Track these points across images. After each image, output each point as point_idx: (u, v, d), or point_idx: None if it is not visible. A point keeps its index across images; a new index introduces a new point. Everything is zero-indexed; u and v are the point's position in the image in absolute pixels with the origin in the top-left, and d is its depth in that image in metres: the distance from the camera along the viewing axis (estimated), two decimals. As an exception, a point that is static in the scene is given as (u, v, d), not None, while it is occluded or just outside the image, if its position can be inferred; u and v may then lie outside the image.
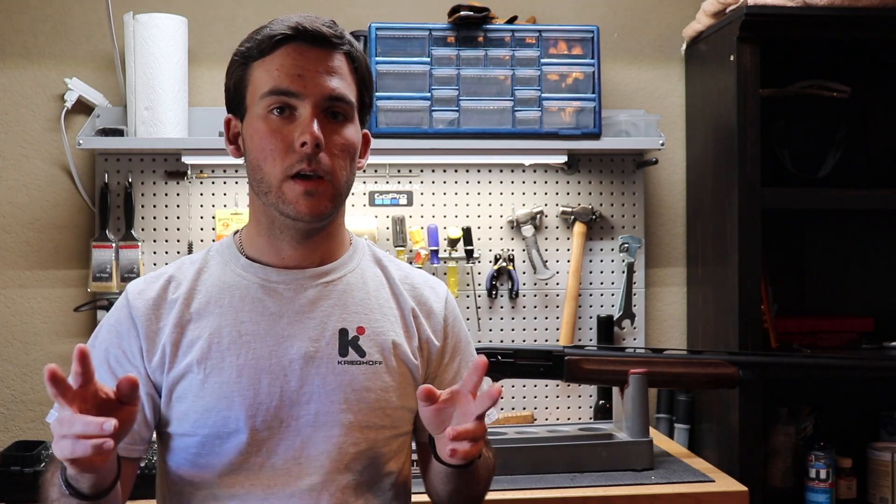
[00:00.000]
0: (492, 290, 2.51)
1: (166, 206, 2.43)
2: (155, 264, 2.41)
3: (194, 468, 1.31)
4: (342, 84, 1.30)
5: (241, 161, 1.37)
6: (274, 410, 1.29)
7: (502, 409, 2.49)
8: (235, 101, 1.34)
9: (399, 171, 2.49)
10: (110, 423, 1.02)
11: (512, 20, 2.42)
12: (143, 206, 2.41)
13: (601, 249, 2.56)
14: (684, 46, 2.56)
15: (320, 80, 1.28)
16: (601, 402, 2.45)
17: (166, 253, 2.42)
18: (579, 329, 2.54)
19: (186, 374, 1.30)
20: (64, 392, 1.05)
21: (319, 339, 1.32)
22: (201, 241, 2.43)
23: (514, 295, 2.51)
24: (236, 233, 1.41)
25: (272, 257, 1.35)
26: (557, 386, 2.52)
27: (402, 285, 1.42)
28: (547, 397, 2.54)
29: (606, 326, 2.52)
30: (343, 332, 1.34)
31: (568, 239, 2.54)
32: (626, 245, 2.52)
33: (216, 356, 1.30)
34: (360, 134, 1.35)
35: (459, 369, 1.45)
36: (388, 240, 2.46)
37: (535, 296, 2.54)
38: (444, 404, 1.22)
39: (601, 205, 2.55)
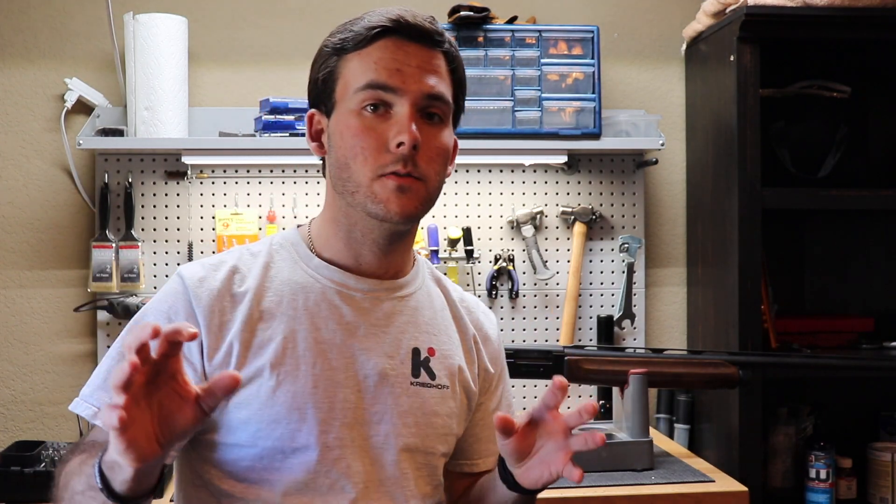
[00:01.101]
0: (492, 290, 2.51)
1: (166, 206, 2.43)
2: (155, 264, 2.41)
3: (245, 483, 1.18)
4: (440, 83, 1.21)
5: (319, 160, 1.29)
6: (346, 428, 1.19)
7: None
8: (323, 95, 1.23)
9: (399, 171, 2.49)
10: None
11: (512, 20, 2.42)
12: (143, 206, 2.41)
13: (601, 249, 2.56)
14: (684, 46, 2.56)
15: (420, 76, 1.19)
16: (601, 402, 2.45)
17: (166, 253, 2.42)
18: (579, 329, 2.54)
19: (255, 379, 1.17)
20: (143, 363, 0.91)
21: (394, 357, 1.24)
22: (201, 241, 2.43)
23: (514, 295, 2.51)
24: (300, 227, 1.31)
25: (349, 261, 1.25)
26: (557, 386, 2.51)
27: (461, 308, 1.36)
28: (547, 397, 2.53)
29: (606, 326, 2.52)
30: (416, 352, 1.26)
31: (568, 239, 2.54)
32: (626, 245, 2.52)
33: (291, 362, 1.18)
34: (454, 139, 1.26)
35: (502, 396, 1.40)
36: (388, 240, 2.46)
37: (535, 296, 2.54)
38: (525, 433, 1.16)
39: (601, 205, 2.55)
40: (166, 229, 2.43)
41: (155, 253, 2.42)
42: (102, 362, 1.22)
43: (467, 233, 2.48)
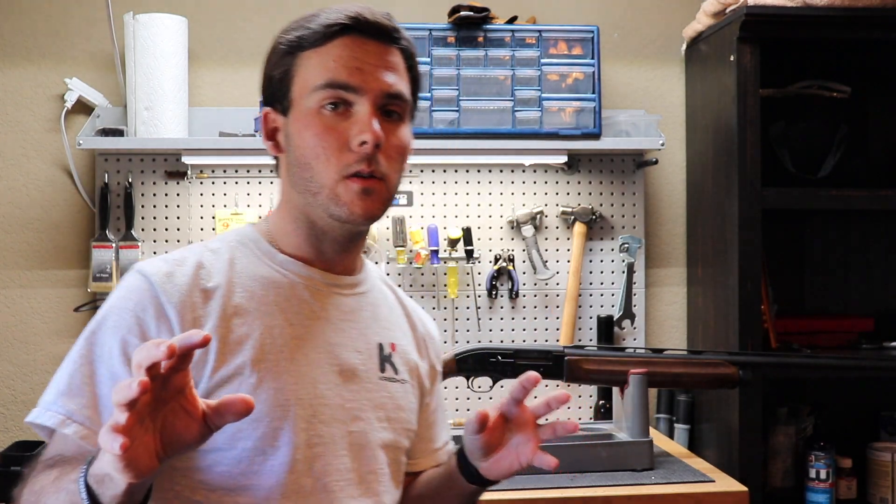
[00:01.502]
0: (492, 290, 2.51)
1: (166, 206, 2.43)
2: (155, 264, 2.41)
3: (221, 491, 1.12)
4: (399, 81, 1.19)
5: (273, 159, 1.26)
6: (325, 424, 1.16)
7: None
8: (279, 93, 1.21)
9: (399, 171, 2.49)
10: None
11: (512, 20, 2.42)
12: (143, 206, 2.41)
13: (601, 249, 2.55)
14: (684, 46, 2.56)
15: (379, 74, 1.17)
16: (601, 402, 2.45)
17: (166, 253, 2.41)
18: (579, 329, 2.54)
19: (235, 377, 1.12)
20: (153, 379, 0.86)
21: (363, 352, 1.23)
22: (201, 241, 2.41)
23: (514, 295, 2.51)
24: (253, 224, 1.29)
25: (311, 256, 1.23)
26: (557, 386, 2.51)
27: (408, 306, 1.38)
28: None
29: (606, 326, 2.52)
30: (380, 347, 1.26)
31: (568, 239, 2.54)
32: (626, 245, 2.52)
33: (271, 358, 1.15)
34: (412, 135, 1.25)
35: (439, 392, 1.41)
36: (388, 240, 2.46)
37: (535, 296, 2.54)
38: (494, 427, 1.20)
39: (601, 205, 2.55)
40: (166, 229, 2.42)
41: (155, 253, 2.42)
42: (63, 367, 1.14)
43: (467, 233, 2.48)
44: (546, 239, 2.54)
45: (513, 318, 2.53)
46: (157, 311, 1.13)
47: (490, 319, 2.52)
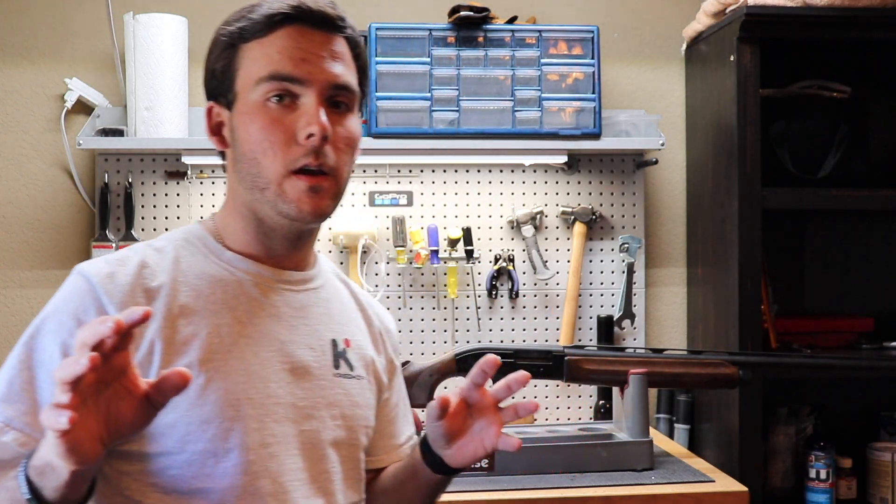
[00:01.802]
0: (492, 290, 2.51)
1: (166, 206, 2.43)
2: (155, 264, 2.41)
3: (175, 494, 1.09)
4: (346, 71, 1.17)
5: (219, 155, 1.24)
6: (277, 424, 1.14)
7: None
8: (222, 86, 1.19)
9: (399, 171, 2.49)
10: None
11: (512, 20, 2.42)
12: (143, 206, 2.41)
13: (601, 249, 2.56)
14: (684, 46, 2.56)
15: (325, 65, 1.14)
16: (601, 402, 2.45)
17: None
18: (579, 329, 2.54)
19: None
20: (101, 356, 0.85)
21: (315, 348, 1.21)
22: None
23: (514, 295, 2.51)
24: (200, 222, 1.25)
25: (260, 253, 1.20)
26: (557, 386, 2.52)
27: (363, 300, 1.35)
28: (547, 397, 2.54)
29: (606, 326, 2.52)
30: (334, 343, 1.24)
31: (568, 239, 2.54)
32: (626, 245, 2.52)
33: (219, 357, 1.12)
34: (361, 126, 1.22)
35: (400, 390, 1.40)
36: (388, 240, 2.46)
37: (535, 296, 2.54)
38: (456, 413, 1.19)
39: (601, 205, 2.55)
40: (166, 229, 2.42)
41: (155, 253, 2.41)
42: (1, 373, 1.10)
43: (467, 233, 2.48)
44: (546, 239, 2.54)
45: (513, 318, 2.53)
46: (98, 313, 1.10)
47: (490, 319, 2.52)
